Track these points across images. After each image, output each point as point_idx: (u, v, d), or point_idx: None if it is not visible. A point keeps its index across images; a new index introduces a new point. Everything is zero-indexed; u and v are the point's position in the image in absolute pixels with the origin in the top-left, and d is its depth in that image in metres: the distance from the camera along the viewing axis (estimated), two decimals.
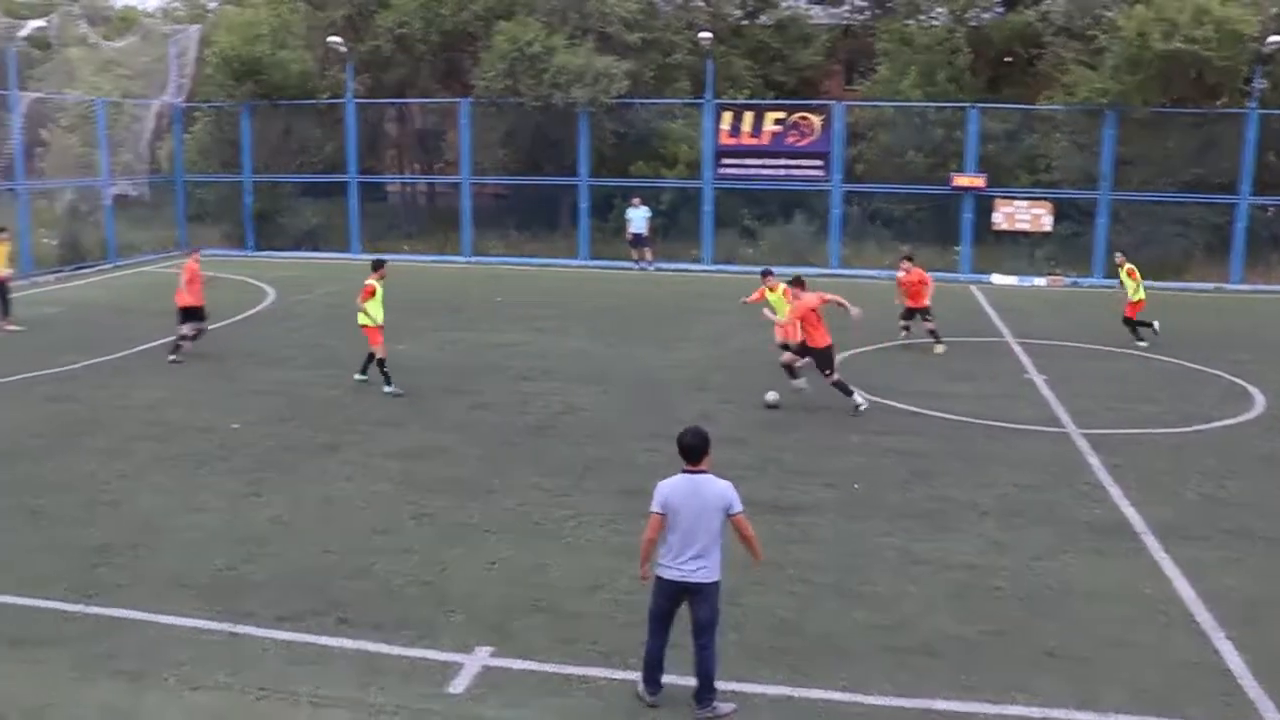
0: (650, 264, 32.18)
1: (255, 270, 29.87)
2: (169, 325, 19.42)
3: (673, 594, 7.69)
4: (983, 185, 30.99)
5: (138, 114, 33.89)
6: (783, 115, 32.13)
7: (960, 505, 12.03)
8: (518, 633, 8.86)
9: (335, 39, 34.30)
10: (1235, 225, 29.84)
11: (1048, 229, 31.19)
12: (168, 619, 9.09)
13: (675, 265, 32.44)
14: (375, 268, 17.35)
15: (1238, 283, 29.98)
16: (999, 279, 30.60)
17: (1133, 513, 11.82)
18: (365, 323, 16.94)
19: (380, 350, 16.94)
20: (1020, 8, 35.21)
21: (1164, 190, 30.07)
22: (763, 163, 32.33)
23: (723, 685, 7.99)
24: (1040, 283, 30.37)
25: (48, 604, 9.40)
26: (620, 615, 9.14)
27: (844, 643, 8.74)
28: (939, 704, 7.86)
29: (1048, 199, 31.13)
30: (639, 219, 31.91)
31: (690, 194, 33.35)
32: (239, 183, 36.22)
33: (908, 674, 8.24)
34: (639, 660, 8.29)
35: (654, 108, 34.44)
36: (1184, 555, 10.60)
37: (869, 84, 36.60)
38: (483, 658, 8.43)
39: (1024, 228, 31.24)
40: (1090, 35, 31.21)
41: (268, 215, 36.24)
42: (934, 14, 35.34)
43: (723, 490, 7.68)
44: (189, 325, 19.26)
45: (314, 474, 12.98)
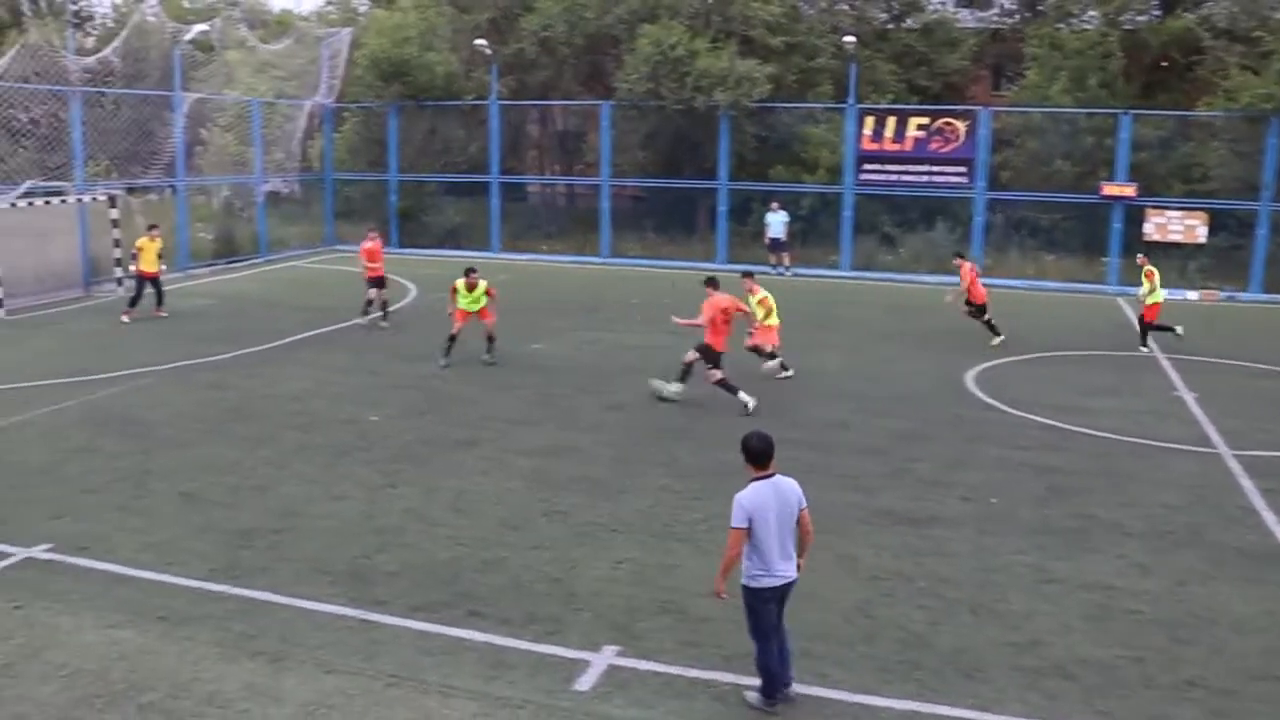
0: (788, 269, 32.00)
1: (398, 267, 30.57)
2: (315, 319, 20.06)
3: (779, 599, 7.73)
4: (1133, 194, 30.02)
5: (291, 114, 35.03)
6: (926, 121, 31.62)
7: (1101, 524, 11.68)
8: (644, 633, 8.90)
9: (481, 42, 34.96)
10: None
11: (1202, 240, 30.02)
12: (306, 603, 9.40)
13: (813, 271, 32.19)
14: (467, 273, 18.92)
15: None
16: None
17: None
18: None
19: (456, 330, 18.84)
20: (1179, 11, 34.01)
21: None
22: (905, 169, 31.86)
23: (849, 697, 7.93)
24: (1192, 296, 29.25)
25: (194, 583, 9.81)
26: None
27: (975, 660, 8.57)
28: None
29: (1203, 209, 29.96)
30: (778, 223, 31.74)
31: (830, 199, 33.06)
32: (385, 181, 37.23)
33: (1039, 695, 8.03)
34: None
35: (796, 112, 34.22)
36: None
37: (1017, 89, 35.80)
38: (609, 656, 8.49)
39: (1176, 239, 30.12)
40: (1255, 38, 29.97)
41: (411, 213, 37.15)
42: (1086, 17, 34.39)
43: (797, 487, 7.78)
44: (373, 291, 22.36)
45: (449, 468, 13.25)
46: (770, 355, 18.09)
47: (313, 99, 35.78)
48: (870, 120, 32.01)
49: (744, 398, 16.12)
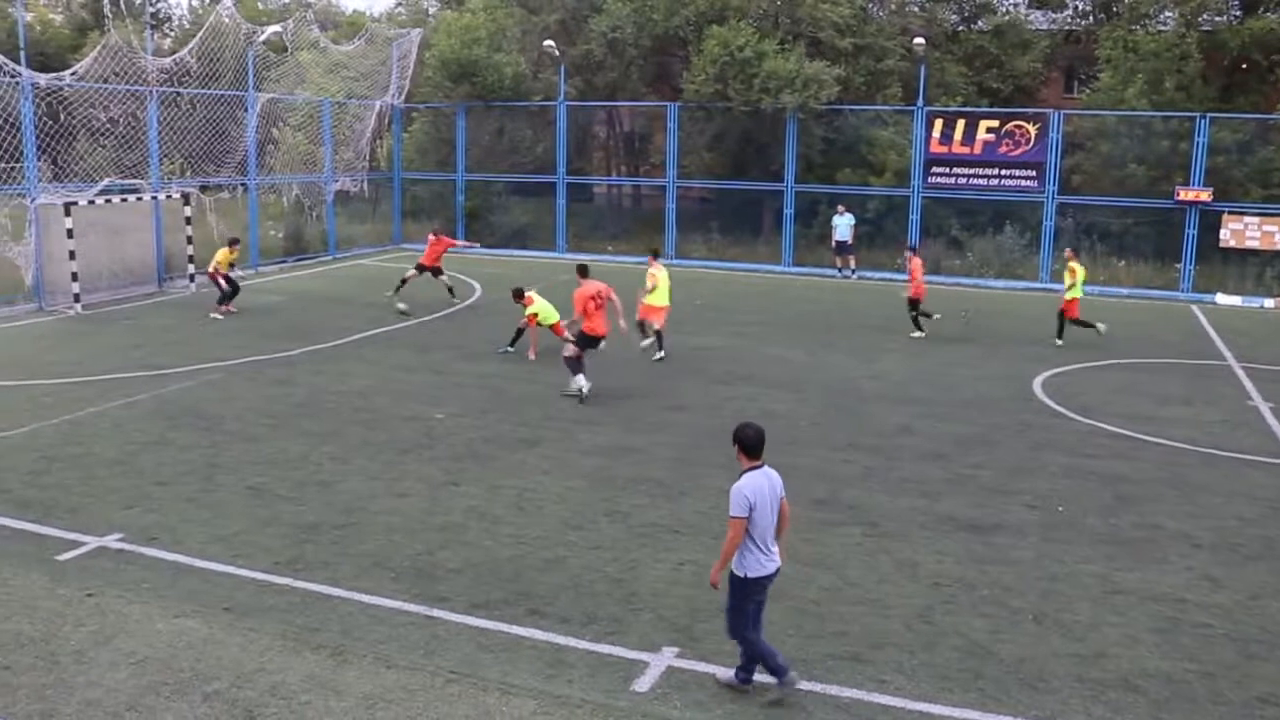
0: (854, 272, 31.79)
1: (464, 266, 30.80)
2: (381, 317, 20.25)
3: (767, 586, 7.90)
4: (1209, 199, 29.43)
5: (360, 114, 35.42)
6: (996, 123, 31.24)
7: (1170, 535, 11.46)
8: (703, 635, 8.88)
9: (549, 43, 35.12)
10: None
11: None
12: (368, 598, 9.49)
13: (879, 274, 31.94)
14: (518, 297, 19.24)
15: None
16: (1223, 299, 29.02)
17: None
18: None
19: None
20: (1261, 10, 33.24)
21: None
22: (974, 172, 31.51)
23: (909, 705, 7.86)
24: (1269, 304, 28.63)
25: (259, 575, 9.96)
26: (808, 625, 9.07)
27: (1038, 670, 8.44)
28: None
29: None
30: (844, 226, 31.54)
31: (897, 202, 32.80)
32: (452, 181, 37.55)
33: (1104, 708, 7.90)
34: (825, 671, 8.26)
35: (863, 114, 34.00)
36: None
37: (1090, 92, 35.27)
38: (668, 658, 8.49)
39: (1254, 245, 29.49)
40: None
41: (478, 213, 37.42)
42: (1163, 19, 33.75)
43: (779, 477, 7.97)
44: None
45: (512, 467, 13.32)
46: (651, 333, 19.23)
47: (382, 99, 36.16)
48: (939, 123, 31.71)
49: (581, 382, 16.58)
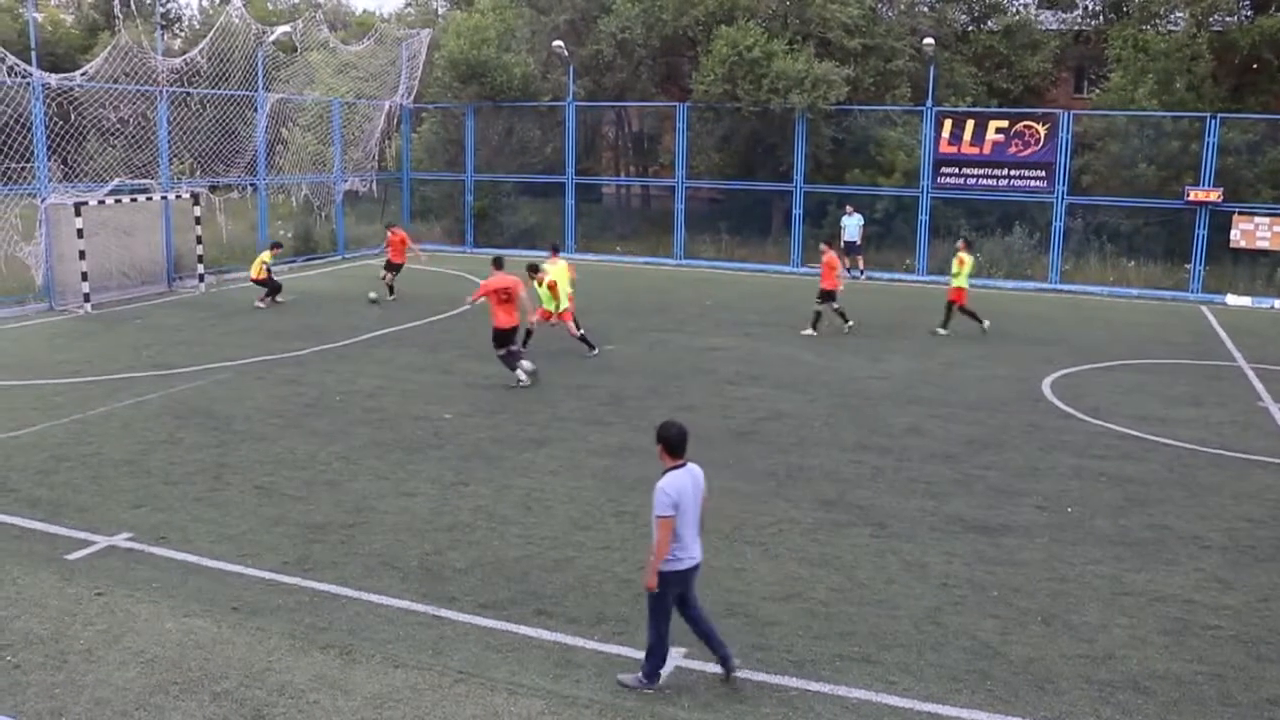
0: (862, 272, 31.75)
1: (473, 266, 30.82)
2: (390, 316, 20.33)
3: (690, 579, 8.02)
4: (1219, 200, 29.34)
5: (370, 114, 35.49)
6: (1006, 124, 31.15)
7: (1180, 537, 11.43)
8: None
9: (558, 43, 35.13)
10: None
11: None
12: (376, 598, 9.51)
13: (888, 275, 31.92)
14: (533, 271, 19.56)
15: None
16: (1234, 300, 28.94)
17: None
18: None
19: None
20: (1272, 10, 33.10)
21: None
22: (983, 172, 31.44)
23: (917, 706, 7.85)
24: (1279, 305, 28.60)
25: (267, 575, 9.98)
26: (816, 626, 9.06)
27: (1047, 671, 8.43)
28: None
29: None
30: (852, 227, 31.51)
31: (906, 203, 32.74)
32: (461, 181, 37.59)
33: (1113, 709, 7.88)
34: (833, 672, 8.25)
35: (873, 114, 33.96)
36: None
37: (1100, 92, 35.17)
38: (676, 658, 8.47)
39: (1264, 246, 29.37)
40: None
41: (487, 213, 37.44)
42: (1173, 19, 33.63)
43: (701, 473, 8.13)
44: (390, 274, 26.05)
45: (520, 467, 13.33)
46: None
47: (391, 99, 36.22)
48: (948, 123, 31.64)
49: (521, 374, 17.28)
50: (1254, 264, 29.75)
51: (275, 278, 25.43)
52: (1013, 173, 31.13)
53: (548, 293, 19.45)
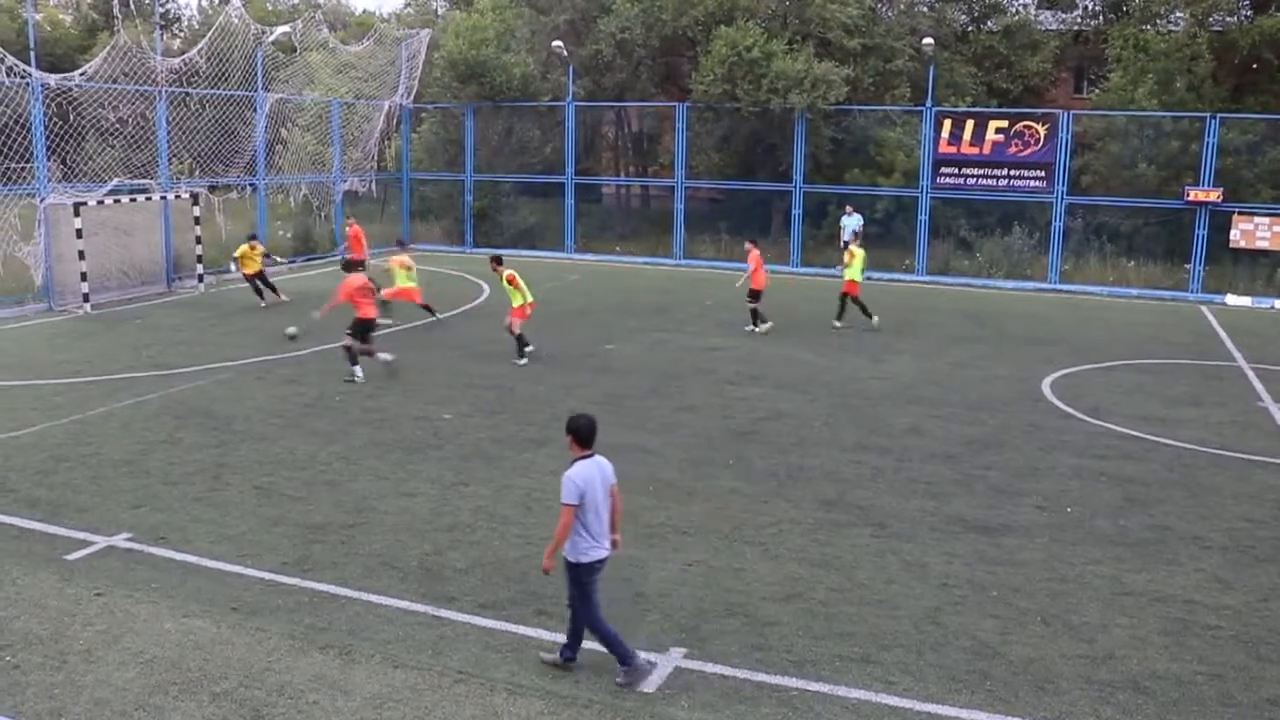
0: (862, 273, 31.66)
1: (472, 267, 30.80)
2: (390, 317, 20.29)
3: (599, 571, 8.11)
4: (1218, 200, 29.33)
5: (369, 114, 35.48)
6: (1006, 124, 31.15)
7: (1180, 537, 11.42)
8: (711, 636, 8.87)
9: (558, 43, 35.12)
10: None
11: None
12: (375, 598, 9.50)
13: (887, 275, 31.88)
14: (497, 263, 19.86)
15: None
16: (1233, 300, 28.93)
17: None
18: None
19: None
20: (1272, 10, 33.09)
21: None
22: (983, 172, 31.44)
23: (917, 706, 7.84)
24: None
25: (267, 575, 9.97)
26: (816, 626, 9.05)
27: (1046, 671, 8.42)
28: None
29: None
30: (852, 226, 31.50)
31: (906, 203, 32.74)
32: (461, 181, 37.58)
33: (1113, 709, 7.87)
34: (833, 672, 8.24)
35: (872, 115, 33.97)
36: None
37: (1100, 92, 35.17)
38: (675, 658, 8.48)
39: (1264, 246, 29.36)
40: None
41: (487, 213, 37.43)
42: (1173, 19, 33.62)
43: (610, 465, 8.22)
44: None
45: (520, 467, 13.31)
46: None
47: (391, 99, 36.21)
48: (948, 123, 31.63)
49: (358, 372, 17.75)
50: (1254, 264, 29.75)
51: (253, 281, 25.18)
52: (1012, 173, 31.12)
53: (509, 287, 19.48)
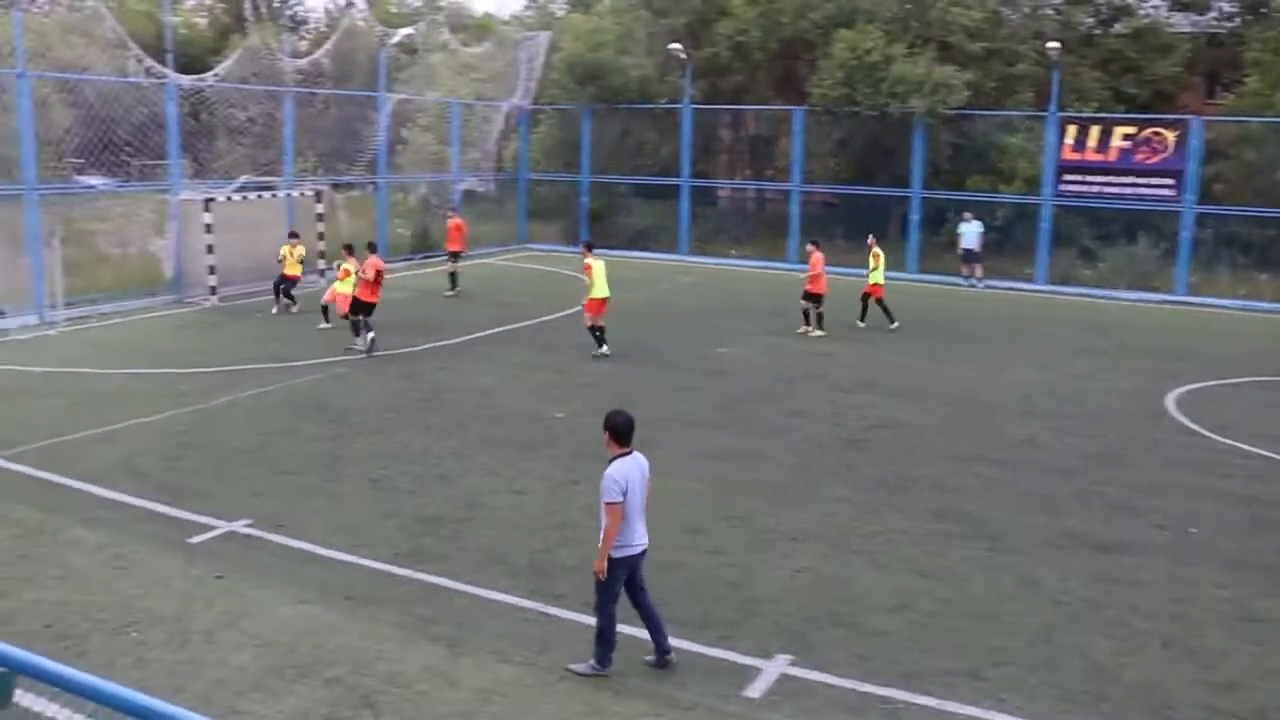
0: (980, 281, 31.17)
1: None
2: (504, 315, 20.62)
3: (636, 565, 8.18)
4: None
5: (488, 115, 35.93)
6: (1133, 130, 30.30)
7: None
8: (818, 644, 8.80)
9: (676, 46, 35.16)
10: None
11: None
12: (484, 592, 9.62)
13: (1007, 283, 31.23)
14: (589, 249, 20.29)
15: None
16: None
17: None
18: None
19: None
20: None
21: None
22: (1108, 180, 30.61)
23: None
24: None
25: (379, 565, 10.18)
26: (925, 639, 8.91)
27: (1164, 696, 8.15)
28: None
29: None
30: (971, 234, 30.95)
31: (1027, 210, 32.00)
32: (577, 182, 37.86)
33: None
34: (942, 687, 8.11)
35: (994, 120, 33.30)
36: None
37: (1234, 97, 33.99)
38: (781, 665, 8.43)
39: None
40: None
41: (602, 214, 37.65)
42: None
43: (646, 461, 8.34)
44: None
45: None
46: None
47: (510, 101, 36.63)
48: (1073, 129, 30.88)
49: (359, 343, 19.20)
50: None
51: (279, 282, 24.03)
52: (1139, 180, 30.25)
53: (586, 276, 19.88)
